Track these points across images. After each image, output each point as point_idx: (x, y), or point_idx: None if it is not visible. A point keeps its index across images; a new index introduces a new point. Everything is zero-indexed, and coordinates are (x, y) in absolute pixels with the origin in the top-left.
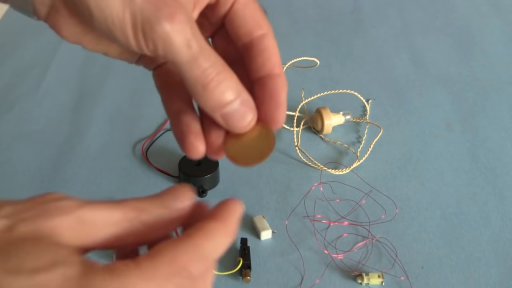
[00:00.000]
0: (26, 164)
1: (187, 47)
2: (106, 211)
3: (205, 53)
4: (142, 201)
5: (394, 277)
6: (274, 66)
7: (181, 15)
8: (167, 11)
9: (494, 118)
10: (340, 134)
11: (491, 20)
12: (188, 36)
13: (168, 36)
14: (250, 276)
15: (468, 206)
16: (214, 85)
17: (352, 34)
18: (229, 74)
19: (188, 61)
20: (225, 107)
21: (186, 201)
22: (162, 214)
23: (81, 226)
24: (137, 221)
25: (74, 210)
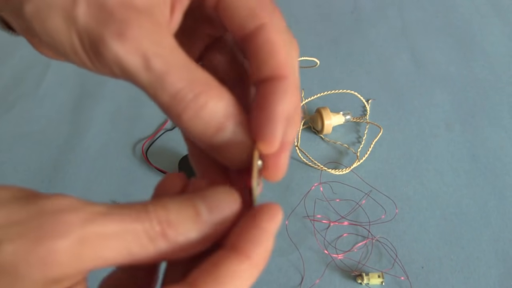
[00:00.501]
0: (26, 164)
1: (145, 69)
2: (123, 225)
3: (175, 71)
4: (171, 210)
5: (394, 277)
6: (275, 65)
7: (134, 29)
8: (114, 27)
9: (494, 118)
10: (340, 134)
11: (491, 20)
12: (146, 53)
13: (118, 58)
14: None
15: (468, 206)
16: (192, 112)
17: (352, 34)
18: (216, 92)
19: (151, 85)
20: (212, 137)
21: (231, 209)
22: (194, 229)
23: (84, 248)
24: (161, 238)
25: (76, 227)
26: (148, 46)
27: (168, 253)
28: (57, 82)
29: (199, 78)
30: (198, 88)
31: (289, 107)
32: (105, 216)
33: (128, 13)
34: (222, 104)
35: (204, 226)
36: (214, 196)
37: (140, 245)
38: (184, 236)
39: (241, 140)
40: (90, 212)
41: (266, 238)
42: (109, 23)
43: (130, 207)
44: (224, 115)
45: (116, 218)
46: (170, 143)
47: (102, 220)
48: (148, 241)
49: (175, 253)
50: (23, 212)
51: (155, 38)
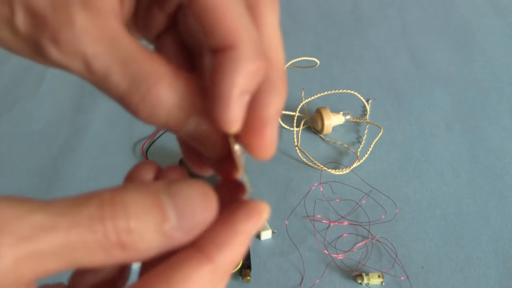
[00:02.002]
0: (26, 164)
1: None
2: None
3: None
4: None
5: (394, 277)
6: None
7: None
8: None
9: (494, 118)
10: (340, 134)
11: (491, 20)
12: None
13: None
14: (250, 276)
15: (468, 206)
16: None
17: (352, 34)
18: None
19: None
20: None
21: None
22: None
23: (23, 266)
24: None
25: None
26: (85, 46)
27: (124, 259)
28: (57, 82)
29: (147, 71)
30: (144, 86)
31: (244, 80)
32: (46, 230)
33: (60, 14)
34: (173, 98)
35: (170, 234)
36: (186, 197)
37: (91, 256)
38: (144, 245)
39: (207, 131)
40: (26, 227)
41: (238, 242)
42: (44, 28)
43: (81, 211)
44: (180, 110)
45: (61, 230)
46: (170, 143)
47: (42, 236)
48: (101, 251)
49: (133, 260)
50: None
51: (93, 34)
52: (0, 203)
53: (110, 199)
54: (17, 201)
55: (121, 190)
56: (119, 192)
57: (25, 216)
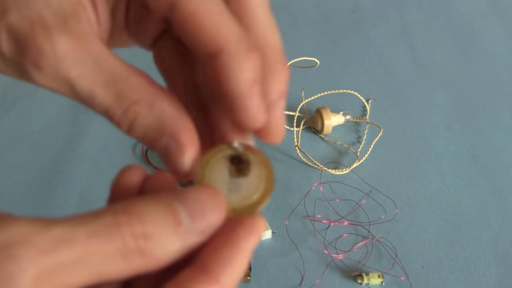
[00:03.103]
0: (26, 164)
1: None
2: (89, 248)
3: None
4: (147, 220)
5: (394, 277)
6: (207, 40)
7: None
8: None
9: (494, 118)
10: (340, 134)
11: (491, 20)
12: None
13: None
14: (250, 276)
15: (468, 206)
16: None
17: (352, 34)
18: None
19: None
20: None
21: (214, 217)
22: (176, 240)
23: (45, 281)
24: (136, 255)
25: (34, 262)
26: (68, 69)
27: (144, 268)
28: None
29: (126, 90)
30: (125, 103)
31: (243, 77)
32: (66, 243)
33: (40, 39)
34: (152, 117)
35: (185, 236)
36: (196, 200)
37: (112, 265)
38: (162, 249)
39: (174, 157)
40: (46, 241)
41: (241, 259)
42: (26, 53)
43: (96, 221)
44: (156, 129)
45: (80, 241)
46: None
47: (62, 248)
48: (121, 259)
49: (152, 267)
50: None
51: (76, 57)
52: (18, 220)
53: (123, 209)
54: (33, 219)
55: (132, 201)
56: (131, 203)
57: (44, 231)
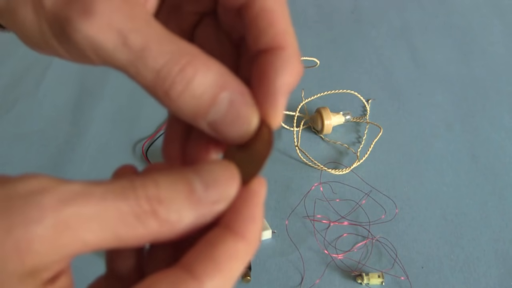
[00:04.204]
0: (26, 164)
1: (123, 46)
2: (105, 205)
3: (155, 45)
4: (161, 185)
5: (394, 277)
6: (275, 35)
7: (102, 3)
8: (80, 5)
9: (494, 118)
10: (340, 134)
11: (491, 20)
12: (120, 29)
13: (90, 39)
14: (250, 276)
15: (468, 206)
16: (181, 87)
17: (352, 34)
18: (203, 62)
19: (132, 63)
20: (207, 112)
21: (230, 190)
22: (190, 207)
23: (62, 233)
24: (151, 218)
25: (51, 211)
26: (121, 21)
27: (159, 234)
28: (57, 82)
29: (183, 49)
30: (183, 60)
31: (291, 79)
32: (84, 196)
33: None
34: (212, 73)
35: (199, 205)
36: (210, 171)
37: (126, 226)
38: (177, 215)
39: (241, 111)
40: (66, 192)
41: (259, 216)
42: (75, 1)
43: (114, 182)
44: (217, 84)
45: (97, 196)
46: None
47: (81, 200)
48: (135, 221)
49: (167, 234)
50: None
51: (128, 12)
52: (39, 175)
53: (140, 177)
54: (53, 177)
55: (148, 171)
56: (147, 171)
57: (64, 184)
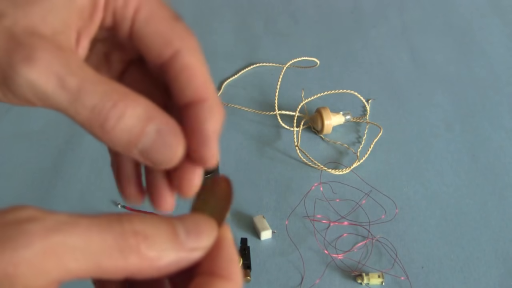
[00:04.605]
0: (26, 164)
1: (61, 88)
2: (89, 235)
3: (90, 86)
4: (148, 223)
5: (394, 277)
6: (196, 89)
7: (43, 52)
8: (23, 53)
9: (494, 118)
10: (340, 134)
11: (491, 20)
12: (58, 73)
13: (31, 83)
14: (250, 276)
15: (468, 206)
16: (114, 121)
17: (352, 34)
18: (133, 99)
19: (70, 103)
20: (138, 142)
21: (206, 241)
22: (171, 250)
23: (47, 259)
24: (133, 253)
25: (38, 238)
26: (59, 66)
27: (139, 269)
28: None
29: (115, 89)
30: (114, 98)
31: (217, 125)
32: (70, 226)
33: (34, 39)
34: (141, 107)
35: (180, 247)
36: (193, 221)
37: (109, 258)
38: (158, 253)
39: (167, 139)
40: (53, 222)
41: (235, 257)
42: (18, 50)
43: (100, 216)
44: (146, 117)
45: (83, 227)
46: None
47: (67, 230)
48: (118, 254)
49: (146, 270)
50: None
51: (64, 60)
52: (27, 206)
53: (125, 214)
54: (40, 208)
55: (135, 214)
56: (134, 214)
57: (51, 215)
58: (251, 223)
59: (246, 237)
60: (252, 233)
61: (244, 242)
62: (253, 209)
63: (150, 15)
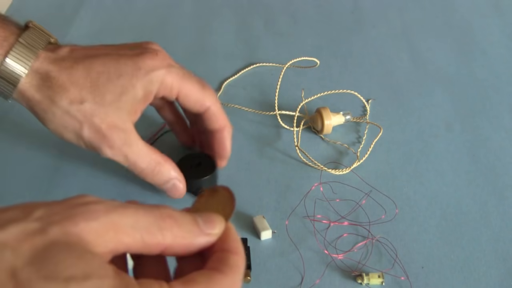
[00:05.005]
0: (26, 164)
1: (126, 161)
2: (137, 216)
3: (141, 160)
4: (177, 212)
5: (394, 277)
6: (221, 123)
7: (116, 142)
8: (107, 143)
9: (494, 118)
10: (340, 134)
11: (491, 21)
12: (125, 154)
13: (111, 158)
14: (250, 276)
15: (468, 206)
16: (152, 176)
17: (352, 34)
18: (163, 166)
19: (130, 167)
20: (164, 185)
21: (218, 229)
22: (193, 232)
23: (108, 231)
24: (168, 231)
25: (102, 214)
26: (125, 150)
27: (171, 246)
28: None
29: (154, 159)
30: (153, 166)
31: (230, 139)
32: (123, 208)
33: (113, 133)
34: (166, 173)
35: (201, 232)
36: (206, 215)
37: (151, 235)
38: (186, 234)
39: (178, 188)
40: (110, 204)
41: (239, 241)
42: (104, 140)
43: (143, 204)
44: (168, 177)
45: (132, 210)
46: (170, 144)
47: (121, 211)
48: (157, 231)
49: (176, 248)
50: (59, 207)
51: (128, 143)
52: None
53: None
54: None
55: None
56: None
57: (107, 200)
58: (251, 223)
59: (246, 237)
60: (252, 233)
61: (244, 242)
62: (253, 209)
63: (190, 91)
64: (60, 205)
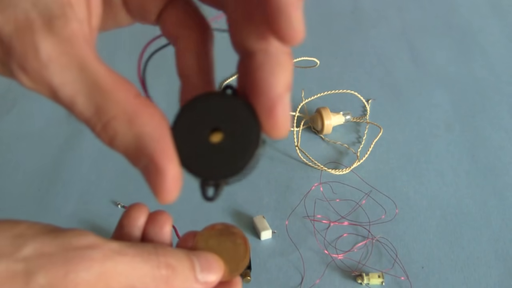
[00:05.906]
0: (26, 164)
1: (54, 98)
2: (133, 264)
3: (82, 99)
4: (175, 259)
5: (394, 277)
6: None
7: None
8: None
9: (494, 118)
10: (340, 134)
11: (491, 21)
12: (50, 84)
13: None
14: (250, 276)
15: (468, 206)
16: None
17: (352, 34)
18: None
19: (67, 108)
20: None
21: (216, 276)
22: (189, 280)
23: (99, 282)
24: (163, 282)
25: (97, 263)
26: (51, 76)
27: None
28: None
29: (107, 103)
30: (105, 117)
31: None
32: (120, 255)
33: (25, 41)
34: (131, 135)
35: (196, 281)
36: (205, 259)
37: (144, 284)
38: (180, 282)
39: (154, 174)
40: (108, 250)
41: None
42: (12, 55)
43: (143, 246)
44: (135, 148)
45: (129, 257)
46: None
47: (117, 259)
48: (151, 281)
49: None
50: (52, 246)
51: (59, 63)
52: (87, 232)
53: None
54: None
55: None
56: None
57: (106, 243)
58: (251, 223)
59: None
60: (252, 233)
61: None
62: (253, 209)
63: None
64: (55, 243)
